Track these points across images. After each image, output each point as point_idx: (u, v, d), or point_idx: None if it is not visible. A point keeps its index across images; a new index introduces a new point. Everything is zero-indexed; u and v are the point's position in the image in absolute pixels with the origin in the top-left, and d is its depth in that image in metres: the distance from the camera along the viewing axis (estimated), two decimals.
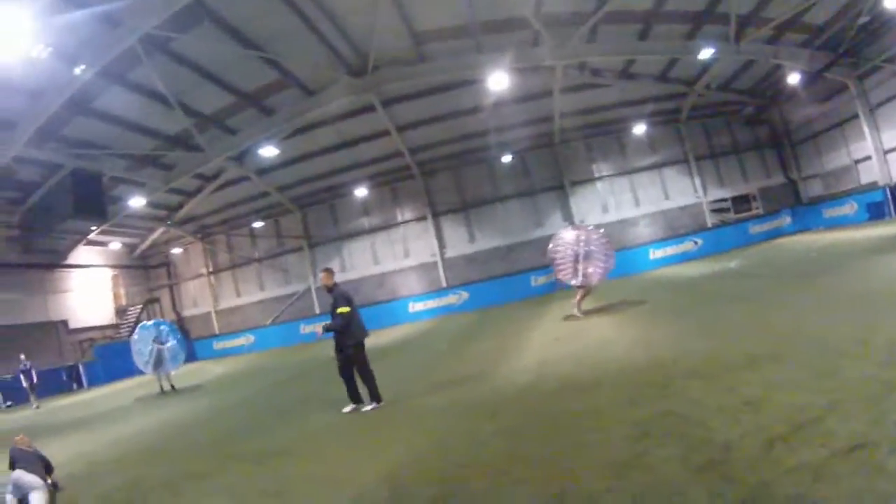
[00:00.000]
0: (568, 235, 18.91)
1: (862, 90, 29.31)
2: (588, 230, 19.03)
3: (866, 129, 29.65)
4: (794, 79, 29.72)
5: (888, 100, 28.48)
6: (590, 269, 18.02)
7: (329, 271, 11.21)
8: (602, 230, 19.33)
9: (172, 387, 22.10)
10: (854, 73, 28.82)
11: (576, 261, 18.05)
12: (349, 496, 6.01)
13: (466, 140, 35.71)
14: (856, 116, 30.31)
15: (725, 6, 23.74)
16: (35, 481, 7.61)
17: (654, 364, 9.16)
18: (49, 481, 8.11)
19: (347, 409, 10.65)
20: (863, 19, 24.84)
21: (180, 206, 36.78)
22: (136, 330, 23.45)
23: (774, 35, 26.84)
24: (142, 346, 21.94)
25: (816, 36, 27.47)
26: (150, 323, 23.77)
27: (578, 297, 18.57)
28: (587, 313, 18.37)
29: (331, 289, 10.99)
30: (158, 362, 21.81)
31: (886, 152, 29.31)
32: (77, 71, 19.11)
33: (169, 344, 22.27)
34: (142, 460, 9.75)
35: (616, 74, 30.79)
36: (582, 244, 18.09)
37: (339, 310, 10.60)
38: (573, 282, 18.40)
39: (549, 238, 35.04)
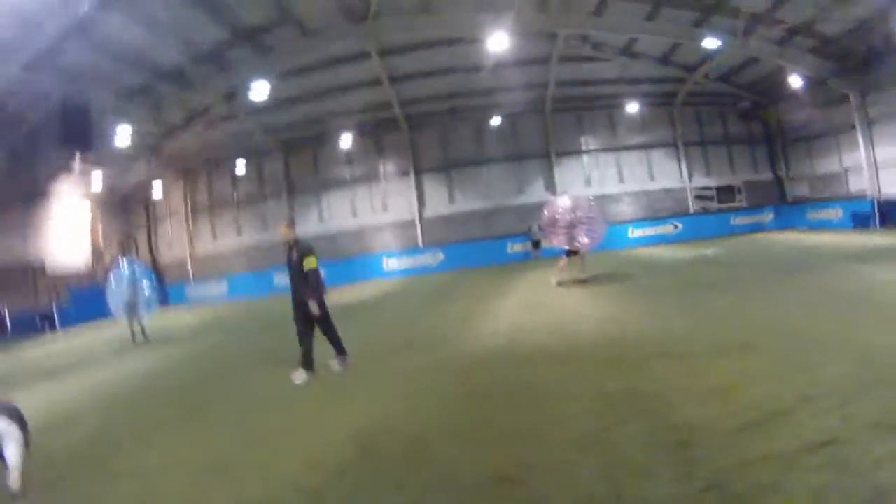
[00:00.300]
0: (563, 202, 18.95)
1: (862, 103, 29.39)
2: (583, 199, 19.32)
3: (861, 141, 29.80)
4: (795, 82, 29.76)
5: (887, 116, 28.59)
6: (583, 238, 18.11)
7: (290, 224, 10.24)
8: (593, 202, 19.39)
9: (145, 336, 21.20)
10: (858, 86, 28.85)
11: (569, 227, 18.04)
12: (317, 451, 5.99)
13: (458, 98, 35.64)
14: (852, 127, 30.39)
15: (738, 0, 23.61)
16: (7, 428, 7.47)
17: (627, 341, 9.20)
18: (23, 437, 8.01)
19: (300, 379, 9.45)
20: (875, 40, 24.88)
21: (166, 141, 36.38)
22: (113, 269, 23.05)
23: (784, 37, 26.78)
24: (117, 284, 21.61)
25: (826, 45, 27.45)
26: (126, 262, 23.33)
27: (562, 263, 18.72)
28: (563, 284, 18.54)
29: (293, 244, 9.97)
30: (132, 304, 21.02)
31: (879, 166, 29.45)
32: None
33: (142, 282, 21.71)
34: (112, 409, 9.65)
35: (617, 51, 30.73)
36: (577, 212, 18.14)
37: (309, 260, 9.72)
38: (565, 247, 18.38)
39: (529, 206, 35.87)
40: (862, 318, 8.46)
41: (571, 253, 18.44)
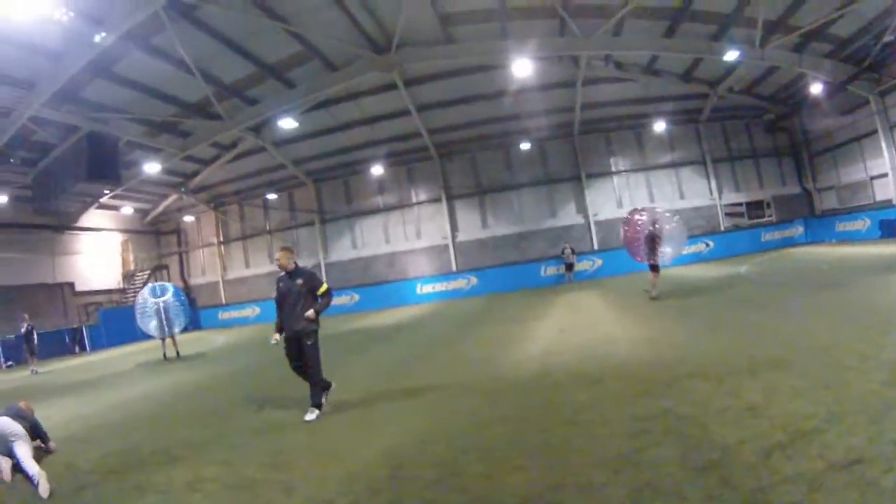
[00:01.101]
0: (641, 217, 19.20)
1: (883, 107, 29.01)
2: (660, 212, 19.54)
3: (884, 146, 29.33)
4: (816, 89, 29.50)
5: None
6: (665, 250, 18.50)
7: (288, 250, 9.65)
8: (672, 213, 19.67)
9: (178, 353, 22.10)
10: (876, 88, 28.59)
11: (651, 241, 18.41)
12: (348, 472, 6.06)
13: (486, 125, 35.69)
14: (875, 132, 30.02)
15: (754, 10, 23.58)
16: (18, 430, 7.64)
17: (658, 362, 9.20)
18: (38, 443, 8.18)
19: (312, 416, 8.76)
20: (889, 37, 24.66)
21: (195, 174, 36.96)
22: (143, 291, 23.69)
23: (800, 43, 26.67)
24: (145, 304, 22.32)
25: (842, 48, 27.25)
26: (154, 284, 24.33)
27: (652, 277, 18.97)
28: (659, 297, 18.66)
29: (292, 271, 9.44)
30: (161, 321, 21.84)
31: None
32: (97, 39, 19.25)
33: (170, 298, 22.45)
34: (140, 426, 9.85)
35: (640, 70, 30.67)
36: (656, 225, 18.48)
37: (323, 288, 9.35)
38: (649, 262, 18.73)
39: (561, 228, 36.12)
40: (888, 334, 8.43)
41: (654, 268, 18.70)
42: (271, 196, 41.08)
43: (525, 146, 37.64)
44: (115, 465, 7.37)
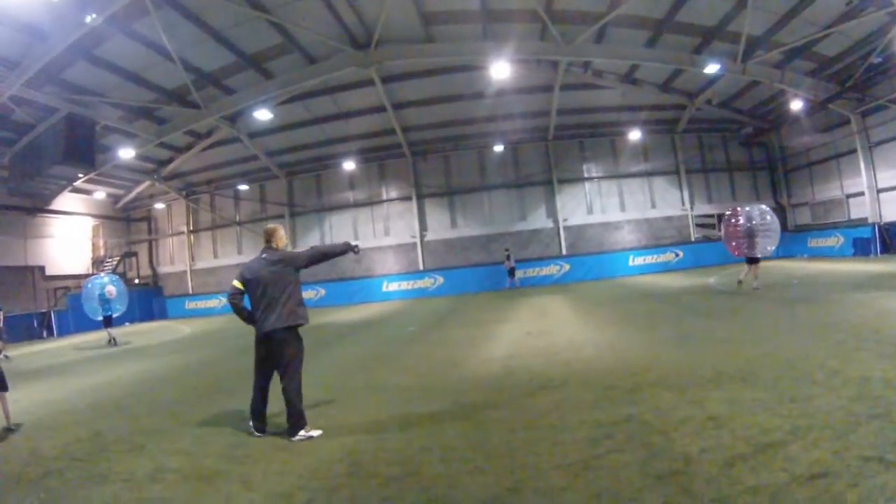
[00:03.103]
0: (739, 214, 20.13)
1: (863, 126, 29.51)
2: (755, 209, 20.02)
3: (863, 166, 29.90)
4: (796, 106, 29.84)
5: (888, 139, 28.69)
6: (761, 245, 19.32)
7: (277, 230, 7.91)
8: (767, 211, 20.16)
9: (114, 341, 23.23)
10: (858, 108, 29.02)
11: (748, 236, 19.28)
12: (308, 466, 6.00)
13: (460, 125, 35.86)
14: (853, 151, 30.57)
15: (737, 25, 23.73)
16: None
17: (625, 369, 9.17)
18: None
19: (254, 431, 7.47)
20: (875, 59, 24.95)
21: (169, 161, 36.68)
22: (86, 281, 25.79)
23: (783, 60, 26.90)
24: (91, 290, 24.16)
25: (825, 67, 27.60)
26: (99, 273, 27.27)
27: (754, 269, 19.62)
28: (758, 288, 19.26)
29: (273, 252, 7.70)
30: (103, 306, 23.39)
31: (880, 191, 29.54)
32: (87, 19, 19.06)
33: (110, 286, 23.90)
34: (106, 413, 9.67)
35: (618, 78, 30.87)
36: (752, 221, 19.42)
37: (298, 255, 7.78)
38: (747, 255, 19.62)
39: (530, 232, 36.29)
40: (859, 349, 8.46)
41: (753, 260, 19.40)
42: (243, 187, 41.00)
43: (498, 148, 37.80)
44: (79, 452, 7.26)
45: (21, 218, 34.74)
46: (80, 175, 34.48)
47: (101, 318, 23.84)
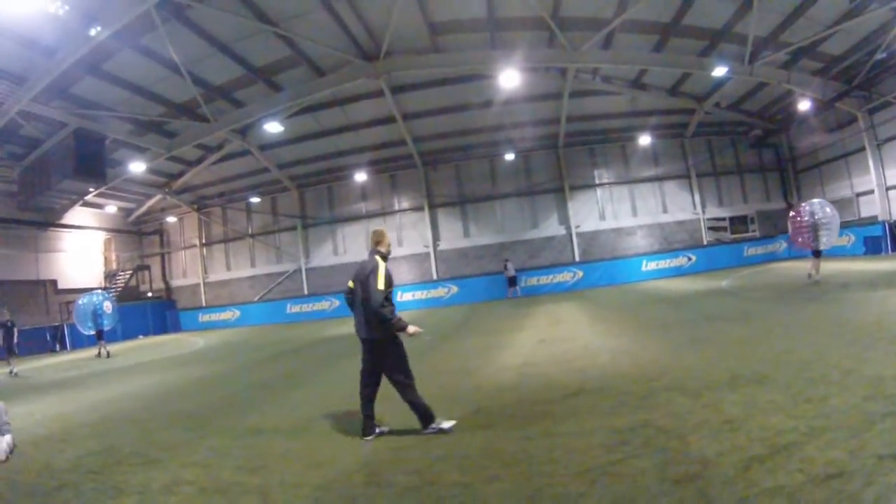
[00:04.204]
0: (805, 209, 20.99)
1: (871, 124, 29.41)
2: (817, 204, 20.89)
3: (871, 164, 29.76)
4: (803, 106, 29.80)
5: None
6: (825, 239, 20.28)
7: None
8: (830, 206, 21.08)
9: (108, 353, 24.69)
10: (865, 106, 28.96)
11: (813, 230, 20.24)
12: (325, 477, 6.00)
13: (471, 134, 35.87)
14: (862, 150, 30.48)
15: (744, 26, 23.72)
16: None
17: (638, 375, 9.16)
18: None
19: (370, 437, 7.41)
20: (880, 55, 24.91)
21: (180, 174, 36.85)
22: (77, 300, 26.80)
23: (789, 60, 26.87)
24: (81, 308, 25.48)
25: (832, 66, 27.55)
26: (90, 294, 27.07)
27: (813, 262, 20.56)
28: (821, 280, 20.25)
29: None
30: (95, 322, 25.02)
31: (889, 188, 29.44)
32: (92, 32, 19.23)
33: (101, 303, 25.44)
34: (120, 426, 9.69)
35: (627, 83, 30.85)
36: (816, 216, 20.34)
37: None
38: (812, 248, 20.57)
39: (543, 239, 36.28)
40: (872, 349, 8.45)
41: (817, 252, 20.29)
42: (254, 199, 41.11)
43: (509, 157, 37.86)
44: (93, 465, 7.28)
45: (33, 232, 34.92)
46: (91, 189, 34.65)
47: (93, 332, 25.34)
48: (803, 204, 21.17)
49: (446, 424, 7.30)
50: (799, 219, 20.77)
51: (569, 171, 38.52)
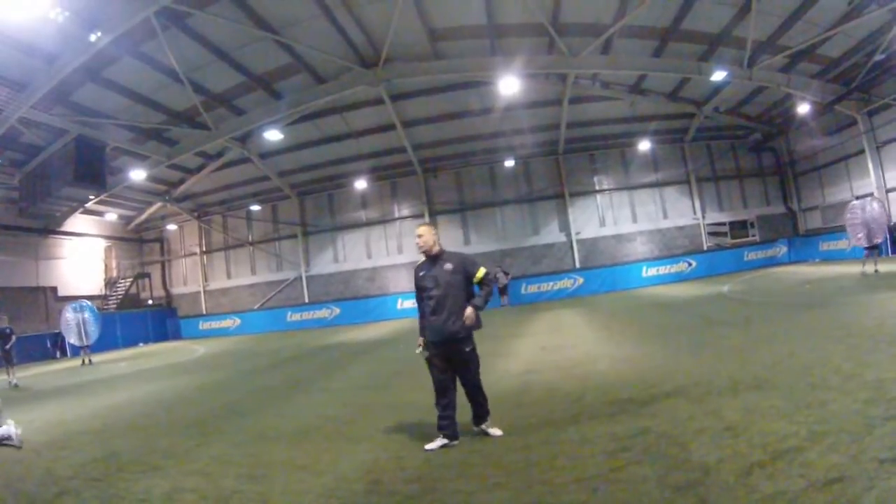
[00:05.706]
0: (857, 206, 22.10)
1: (870, 126, 29.47)
2: (867, 202, 21.95)
3: (871, 166, 29.80)
4: (803, 109, 29.82)
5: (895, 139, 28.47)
6: (877, 235, 21.45)
7: (432, 226, 7.92)
8: (880, 204, 22.28)
9: (90, 361, 25.65)
10: (864, 108, 29.03)
11: (865, 226, 21.32)
12: (327, 486, 5.99)
13: (471, 141, 35.95)
14: (861, 152, 30.55)
15: (743, 30, 23.76)
16: None
17: (639, 381, 9.16)
18: None
19: (435, 444, 7.03)
20: (878, 57, 24.96)
21: (180, 182, 36.91)
22: (64, 311, 27.85)
23: (788, 63, 26.93)
24: (68, 320, 26.87)
25: (830, 68, 27.63)
26: (75, 303, 28.19)
27: (867, 256, 21.72)
28: (871, 274, 20.65)
29: (436, 255, 7.70)
30: (80, 333, 26.48)
31: (889, 190, 29.46)
32: (92, 38, 19.33)
33: (87, 315, 26.95)
34: (121, 433, 9.67)
35: (626, 89, 30.87)
36: (866, 213, 21.42)
37: (480, 273, 7.44)
38: (865, 244, 21.58)
39: (543, 246, 36.25)
40: (873, 353, 8.44)
41: (871, 248, 21.43)
42: (255, 207, 41.18)
43: (509, 163, 37.92)
44: (95, 472, 7.28)
45: (33, 239, 35.05)
46: (92, 197, 34.73)
47: (84, 344, 26.60)
48: (856, 202, 22.22)
49: (495, 431, 7.28)
50: (851, 215, 21.72)
51: (569, 177, 38.63)
